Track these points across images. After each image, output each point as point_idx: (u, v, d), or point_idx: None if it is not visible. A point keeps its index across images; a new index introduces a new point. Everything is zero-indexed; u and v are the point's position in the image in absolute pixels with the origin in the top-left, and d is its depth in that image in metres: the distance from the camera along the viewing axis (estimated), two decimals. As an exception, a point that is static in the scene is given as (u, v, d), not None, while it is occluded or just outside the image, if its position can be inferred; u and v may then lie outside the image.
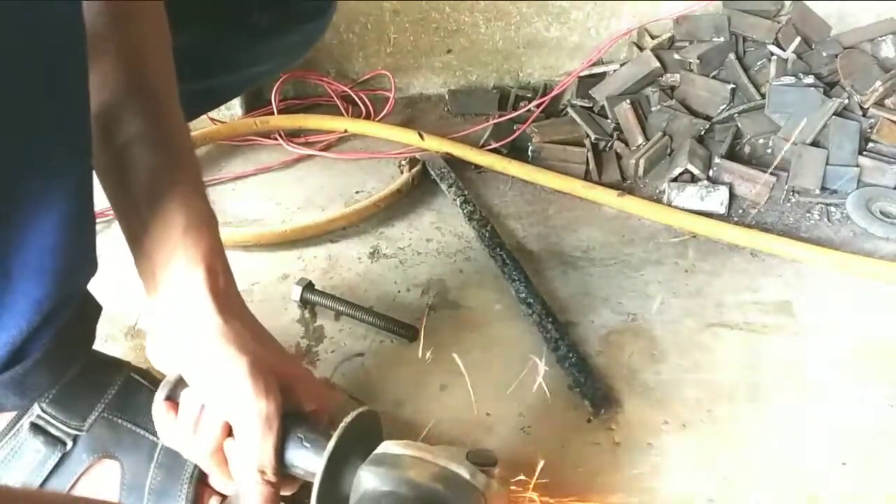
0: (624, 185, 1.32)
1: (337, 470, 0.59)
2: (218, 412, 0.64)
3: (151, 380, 0.77)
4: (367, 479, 0.56)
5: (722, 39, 1.46)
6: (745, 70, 1.43)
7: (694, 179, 1.28)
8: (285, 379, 0.64)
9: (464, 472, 0.55)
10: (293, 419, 0.64)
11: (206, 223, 0.65)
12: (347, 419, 0.61)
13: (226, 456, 0.65)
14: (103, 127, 0.62)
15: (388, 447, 0.58)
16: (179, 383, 0.67)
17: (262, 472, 0.63)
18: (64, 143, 0.57)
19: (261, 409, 0.61)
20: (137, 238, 0.64)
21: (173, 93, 0.67)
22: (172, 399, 0.68)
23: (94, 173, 0.63)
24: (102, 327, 0.77)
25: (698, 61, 1.42)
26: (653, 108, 1.41)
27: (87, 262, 0.67)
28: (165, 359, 0.67)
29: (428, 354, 0.95)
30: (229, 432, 0.65)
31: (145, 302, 0.66)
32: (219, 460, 0.65)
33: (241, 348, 0.62)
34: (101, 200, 0.65)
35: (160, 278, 0.64)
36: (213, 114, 1.46)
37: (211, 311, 0.62)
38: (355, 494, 0.57)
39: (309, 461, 0.62)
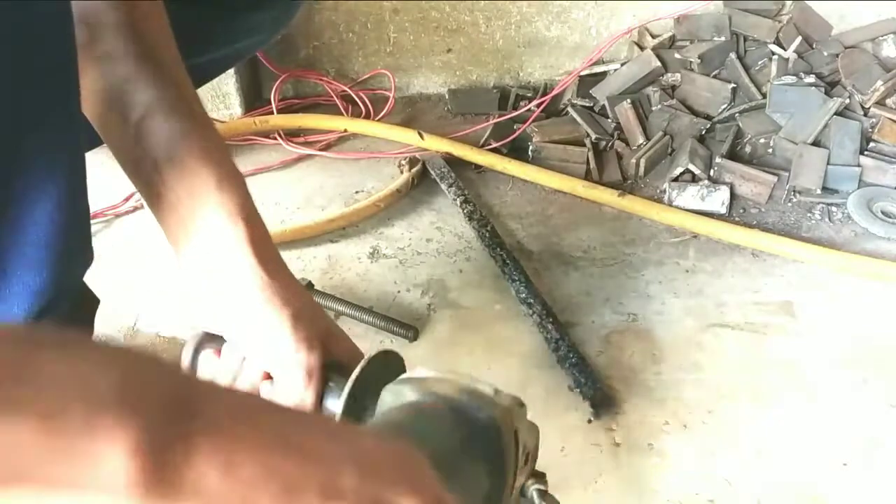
0: (624, 185, 1.32)
1: (361, 400, 0.60)
2: (259, 363, 0.64)
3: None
4: (389, 398, 0.56)
5: (723, 39, 1.46)
6: (746, 69, 1.42)
7: (695, 179, 1.28)
8: (322, 333, 0.65)
9: (487, 390, 0.55)
10: (331, 370, 0.64)
11: (237, 178, 0.65)
12: (370, 354, 0.62)
13: None
14: (117, 104, 0.63)
15: (412, 372, 0.59)
16: (205, 339, 0.67)
17: None
18: (56, 135, 0.57)
19: (302, 361, 0.61)
20: (166, 202, 0.63)
21: (180, 62, 0.67)
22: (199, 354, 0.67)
23: (86, 164, 0.63)
24: (102, 327, 0.77)
25: (699, 61, 1.42)
26: (653, 108, 1.41)
27: (83, 253, 0.67)
28: (205, 313, 0.66)
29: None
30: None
31: (176, 262, 0.65)
32: None
33: (283, 301, 0.62)
34: (98, 201, 0.65)
35: (195, 234, 0.63)
36: (213, 113, 1.46)
37: (252, 263, 0.62)
38: (379, 414, 0.57)
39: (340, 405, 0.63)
